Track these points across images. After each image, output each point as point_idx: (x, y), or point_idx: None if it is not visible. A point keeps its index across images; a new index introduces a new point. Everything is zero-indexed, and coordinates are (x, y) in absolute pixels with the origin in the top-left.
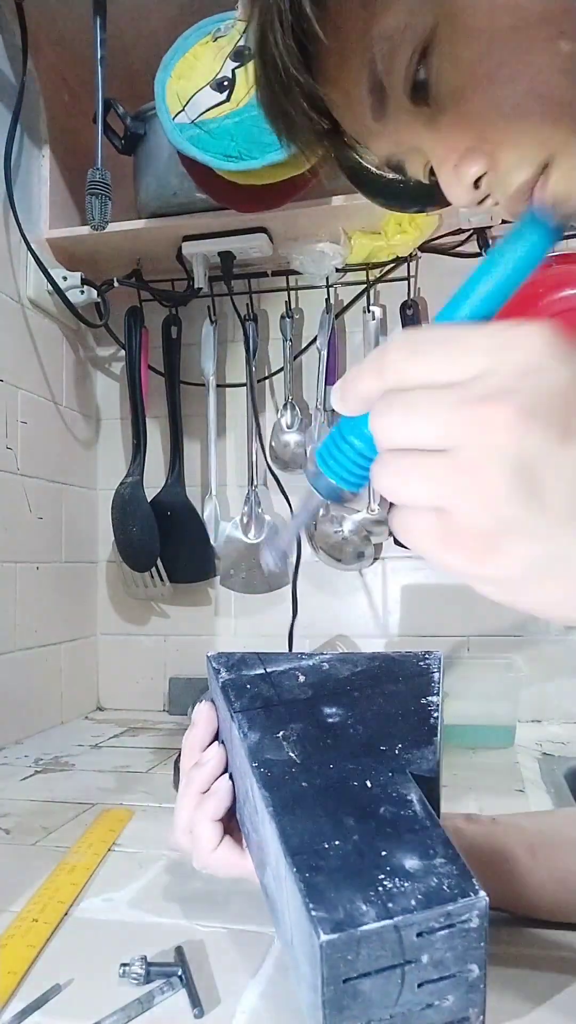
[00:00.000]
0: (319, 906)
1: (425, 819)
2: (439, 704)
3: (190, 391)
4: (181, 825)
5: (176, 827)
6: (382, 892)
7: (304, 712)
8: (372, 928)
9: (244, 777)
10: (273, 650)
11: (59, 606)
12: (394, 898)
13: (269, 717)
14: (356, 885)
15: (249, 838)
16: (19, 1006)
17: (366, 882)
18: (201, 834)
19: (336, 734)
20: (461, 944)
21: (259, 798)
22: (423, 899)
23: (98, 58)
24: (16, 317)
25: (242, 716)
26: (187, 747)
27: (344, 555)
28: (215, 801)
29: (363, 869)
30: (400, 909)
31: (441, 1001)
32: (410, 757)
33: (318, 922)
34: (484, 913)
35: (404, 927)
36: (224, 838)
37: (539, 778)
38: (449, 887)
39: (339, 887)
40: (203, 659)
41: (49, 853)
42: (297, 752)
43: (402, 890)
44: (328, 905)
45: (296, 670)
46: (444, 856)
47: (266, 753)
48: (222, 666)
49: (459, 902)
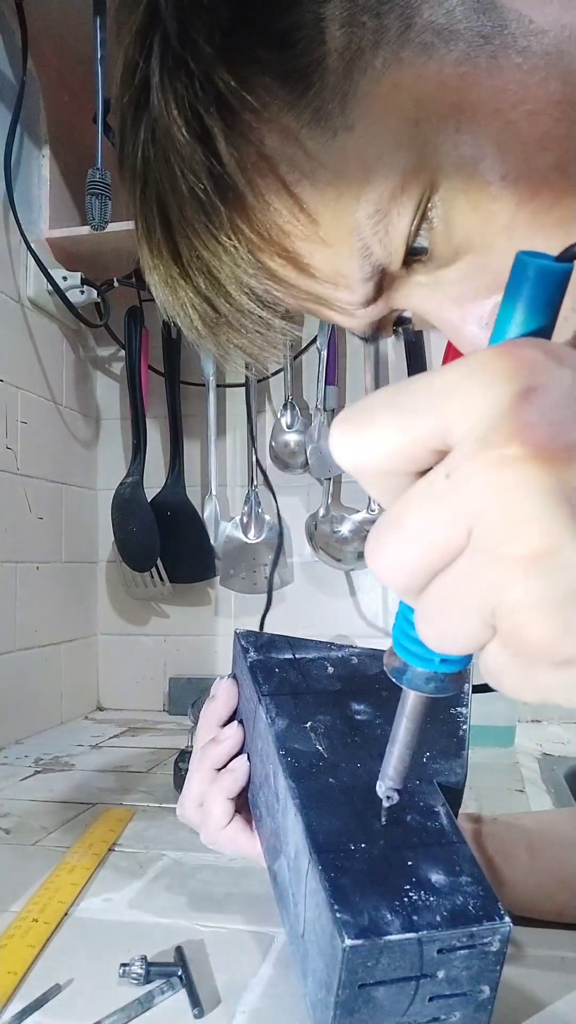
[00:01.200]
0: (344, 909)
1: (452, 834)
2: (468, 716)
3: (190, 391)
4: (192, 798)
5: (185, 800)
6: (407, 903)
7: (332, 705)
8: (396, 939)
9: (266, 762)
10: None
11: (59, 606)
12: (419, 911)
13: (297, 705)
14: (381, 892)
15: (261, 822)
16: (19, 1006)
17: (392, 890)
18: (213, 810)
19: (364, 732)
20: (478, 965)
21: (284, 787)
22: (448, 916)
23: (98, 58)
24: (16, 317)
25: (270, 700)
26: (204, 720)
27: (344, 555)
28: (232, 779)
29: (389, 876)
30: (425, 924)
31: (448, 1016)
32: (438, 768)
33: (343, 925)
34: (506, 939)
35: (427, 942)
36: (235, 816)
37: (539, 778)
38: (475, 908)
39: (365, 892)
40: (203, 659)
41: (49, 853)
42: (325, 746)
43: (428, 904)
44: (353, 909)
45: (325, 660)
46: (470, 875)
47: (294, 742)
48: (251, 645)
49: (484, 924)
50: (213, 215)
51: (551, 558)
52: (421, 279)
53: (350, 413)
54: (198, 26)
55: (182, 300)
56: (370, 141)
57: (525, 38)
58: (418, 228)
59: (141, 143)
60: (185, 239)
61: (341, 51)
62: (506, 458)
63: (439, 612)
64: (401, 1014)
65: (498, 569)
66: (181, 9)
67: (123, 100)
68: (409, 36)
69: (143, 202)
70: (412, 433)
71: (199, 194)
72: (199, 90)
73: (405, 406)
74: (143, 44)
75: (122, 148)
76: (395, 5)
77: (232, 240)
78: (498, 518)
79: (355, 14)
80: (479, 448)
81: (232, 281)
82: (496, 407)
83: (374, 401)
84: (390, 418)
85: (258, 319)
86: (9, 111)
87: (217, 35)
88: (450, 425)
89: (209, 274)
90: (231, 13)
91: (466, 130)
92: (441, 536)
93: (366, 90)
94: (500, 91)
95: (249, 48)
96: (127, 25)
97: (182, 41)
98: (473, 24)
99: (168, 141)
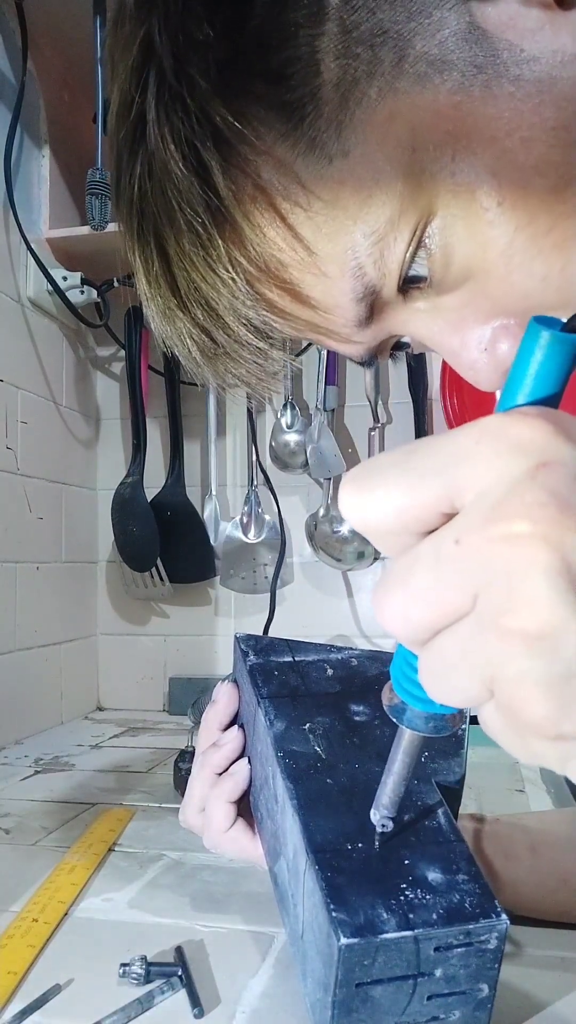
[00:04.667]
0: (340, 908)
1: (449, 832)
2: (468, 716)
3: (190, 391)
4: (193, 803)
5: (188, 805)
6: (403, 902)
7: (331, 707)
8: (391, 937)
9: (266, 764)
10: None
11: (59, 606)
12: (415, 910)
13: (296, 707)
14: (378, 891)
15: (263, 824)
16: (19, 1006)
17: (388, 889)
18: (214, 814)
19: (363, 733)
20: (476, 963)
21: (282, 789)
22: (444, 915)
23: (98, 58)
24: (16, 317)
25: (269, 703)
26: (205, 725)
27: (344, 555)
28: (232, 783)
29: (385, 875)
30: (421, 922)
31: (447, 1015)
32: (436, 767)
33: (339, 924)
34: (503, 936)
35: (423, 940)
36: (237, 820)
37: (539, 778)
38: (471, 905)
39: (361, 891)
40: (203, 659)
41: (49, 853)
42: (323, 747)
43: (424, 903)
44: (349, 908)
45: (325, 662)
46: (467, 873)
47: (292, 744)
48: (250, 648)
49: (480, 922)
50: (210, 247)
51: (552, 638)
52: (421, 305)
53: (360, 472)
54: (194, 61)
55: (180, 331)
56: (366, 167)
57: (517, 66)
58: (414, 255)
59: (138, 177)
60: (183, 271)
61: (336, 82)
62: (515, 535)
63: (441, 668)
64: (400, 1013)
65: (499, 640)
66: (176, 45)
67: (119, 135)
68: (403, 67)
69: (140, 235)
70: (421, 495)
71: (196, 227)
72: (196, 124)
73: (415, 469)
74: (139, 80)
75: (118, 182)
76: (389, 37)
77: (229, 272)
78: (503, 591)
79: (350, 46)
80: (489, 520)
81: (230, 312)
82: (507, 479)
83: (384, 462)
84: (399, 480)
85: (256, 350)
86: (9, 111)
87: (213, 70)
88: (460, 490)
89: (207, 305)
90: (226, 48)
91: (462, 158)
92: (447, 598)
93: (362, 119)
94: (495, 119)
95: (245, 82)
96: (122, 62)
97: (178, 76)
98: (466, 54)
99: (165, 175)
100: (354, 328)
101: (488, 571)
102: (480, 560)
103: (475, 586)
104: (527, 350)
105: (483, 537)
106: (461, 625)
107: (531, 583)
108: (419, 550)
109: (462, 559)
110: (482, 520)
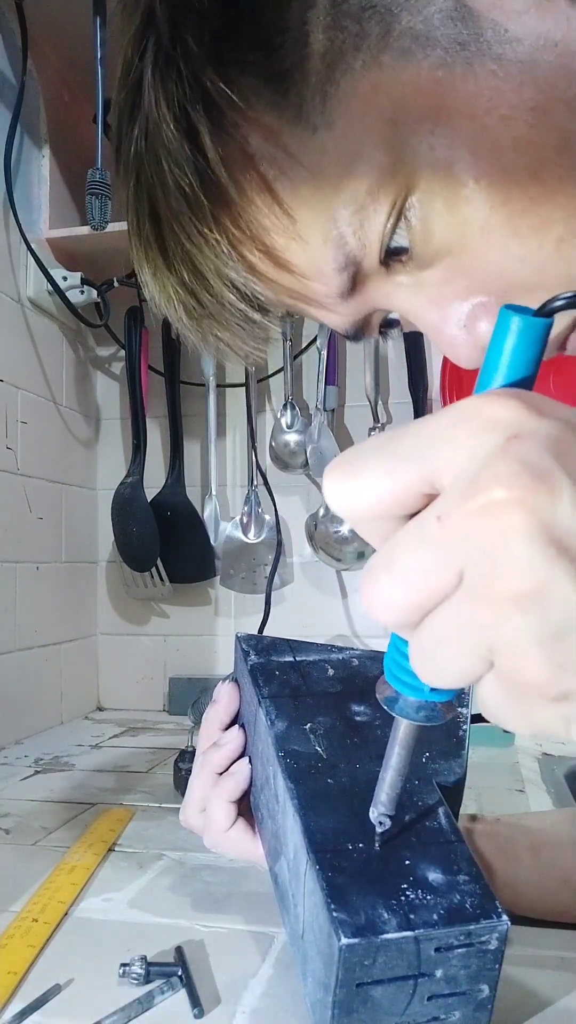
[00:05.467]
0: (341, 908)
1: (450, 833)
2: (468, 717)
3: (190, 391)
4: (194, 803)
5: (188, 805)
6: (404, 902)
7: (332, 707)
8: (392, 938)
9: (267, 764)
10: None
11: (59, 606)
12: (416, 910)
13: (297, 707)
14: (378, 891)
15: (263, 824)
16: (19, 1006)
17: (389, 889)
18: (215, 814)
19: (363, 733)
20: (476, 963)
21: (283, 789)
22: (445, 915)
23: (98, 58)
24: (16, 317)
25: (270, 703)
26: (206, 725)
27: (344, 555)
28: (233, 782)
29: (386, 875)
30: (421, 922)
31: (448, 1016)
32: (437, 768)
33: (339, 924)
34: (503, 937)
35: (424, 940)
36: (237, 820)
37: (539, 778)
38: (472, 906)
39: (362, 891)
40: (203, 659)
41: (49, 853)
42: (324, 747)
43: (425, 903)
44: (350, 908)
45: (326, 662)
46: (468, 874)
47: (293, 744)
48: (252, 648)
49: (481, 923)
50: (197, 208)
51: (540, 595)
52: (403, 279)
53: (342, 460)
54: (189, 29)
55: (168, 293)
56: (349, 138)
57: (500, 46)
58: (395, 226)
59: (134, 139)
60: (171, 231)
61: (323, 54)
62: (492, 503)
63: (434, 649)
64: (400, 1014)
65: (491, 608)
66: (174, 13)
67: (120, 98)
68: (388, 41)
69: (135, 196)
70: (402, 478)
71: (184, 188)
72: (187, 88)
73: (394, 453)
74: (139, 45)
75: (119, 144)
76: (376, 12)
77: (214, 233)
78: (487, 560)
79: (338, 19)
80: (466, 493)
81: (214, 274)
82: (481, 455)
83: (365, 448)
84: (380, 464)
85: (239, 312)
86: (9, 111)
87: (206, 38)
88: (438, 471)
89: (192, 266)
90: (221, 18)
91: (441, 133)
92: (433, 578)
93: (346, 90)
94: (475, 96)
95: (236, 51)
96: (126, 29)
97: (173, 42)
98: (450, 31)
99: (158, 137)
100: (337, 299)
101: (471, 543)
102: (462, 534)
103: (460, 561)
104: (500, 336)
105: (462, 512)
106: (449, 602)
107: (513, 547)
108: (402, 533)
109: (444, 536)
110: (460, 495)
